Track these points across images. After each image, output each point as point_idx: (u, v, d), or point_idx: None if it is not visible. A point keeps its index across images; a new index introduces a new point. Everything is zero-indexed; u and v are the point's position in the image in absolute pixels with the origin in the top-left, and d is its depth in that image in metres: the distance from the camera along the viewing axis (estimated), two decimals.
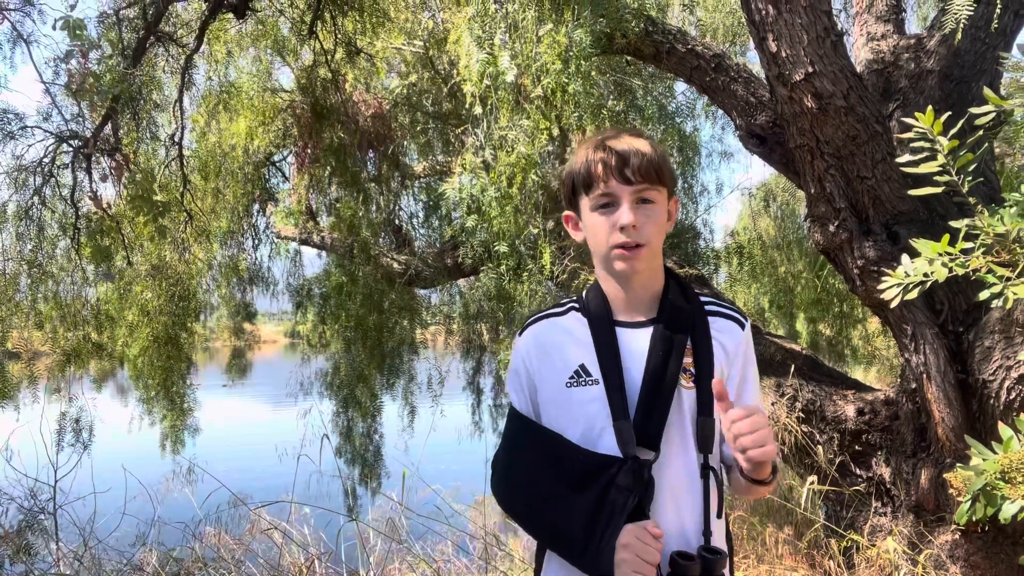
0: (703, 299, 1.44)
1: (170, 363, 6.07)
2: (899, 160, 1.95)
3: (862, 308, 9.22)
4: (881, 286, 1.85)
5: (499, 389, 7.05)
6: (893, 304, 1.81)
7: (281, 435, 5.93)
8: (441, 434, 6.09)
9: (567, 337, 1.40)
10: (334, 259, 7.21)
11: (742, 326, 1.44)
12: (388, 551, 3.86)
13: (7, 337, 5.40)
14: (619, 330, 1.37)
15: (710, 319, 1.40)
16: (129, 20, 4.80)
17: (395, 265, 6.79)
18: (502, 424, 1.63)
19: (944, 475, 3.14)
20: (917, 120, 1.80)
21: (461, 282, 7.43)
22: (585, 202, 1.38)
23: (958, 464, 2.01)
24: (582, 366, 1.35)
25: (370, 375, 7.06)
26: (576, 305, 1.45)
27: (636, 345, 1.35)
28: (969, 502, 1.77)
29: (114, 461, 4.84)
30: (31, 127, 4.63)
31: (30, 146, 4.79)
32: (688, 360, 1.35)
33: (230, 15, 5.28)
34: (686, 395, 1.33)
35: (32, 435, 5.07)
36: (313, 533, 3.97)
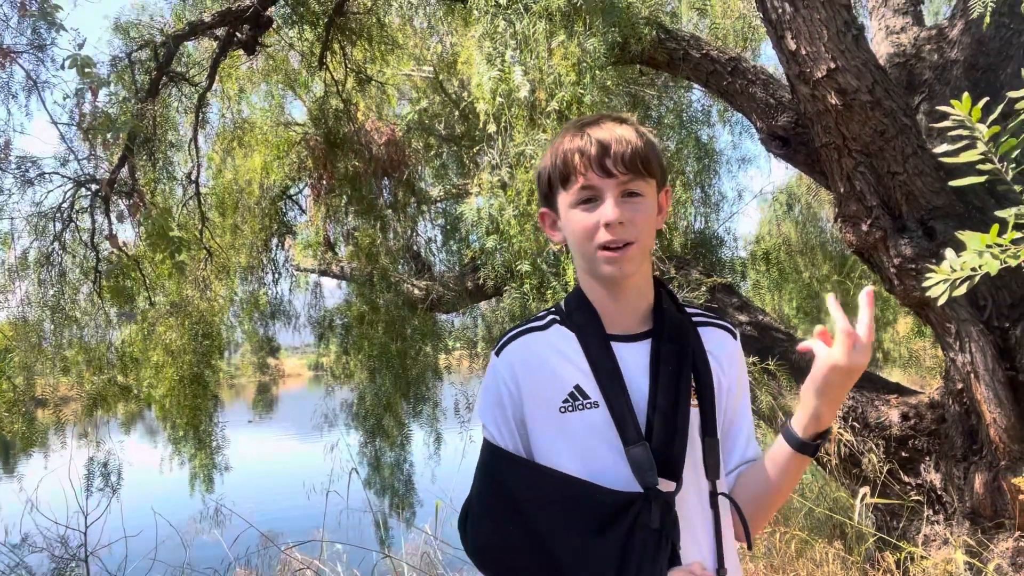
0: (689, 310, 1.30)
1: (196, 402, 6.04)
2: (937, 150, 1.86)
3: (893, 310, 9.03)
4: (926, 283, 1.76)
5: None
6: (941, 301, 1.71)
7: (309, 469, 5.87)
8: (471, 460, 5.97)
9: (555, 354, 1.21)
10: (354, 288, 7.18)
11: (734, 336, 1.31)
12: None
13: (34, 384, 5.41)
14: (614, 345, 1.20)
15: (700, 330, 1.27)
16: (141, 62, 4.84)
17: (416, 291, 6.74)
18: None
19: (1002, 479, 2.99)
20: (952, 108, 1.72)
21: (483, 305, 7.37)
22: (563, 198, 1.20)
23: None
24: (577, 387, 1.17)
25: (396, 403, 6.98)
26: (557, 317, 1.26)
27: (635, 361, 1.19)
28: None
29: (144, 504, 4.80)
30: (49, 173, 4.66)
31: (49, 192, 4.82)
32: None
33: (240, 52, 5.32)
34: (693, 415, 1.19)
35: (61, 482, 5.05)
36: (346, 570, 3.88)
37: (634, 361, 1.19)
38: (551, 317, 1.26)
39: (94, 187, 4.75)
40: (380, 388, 6.92)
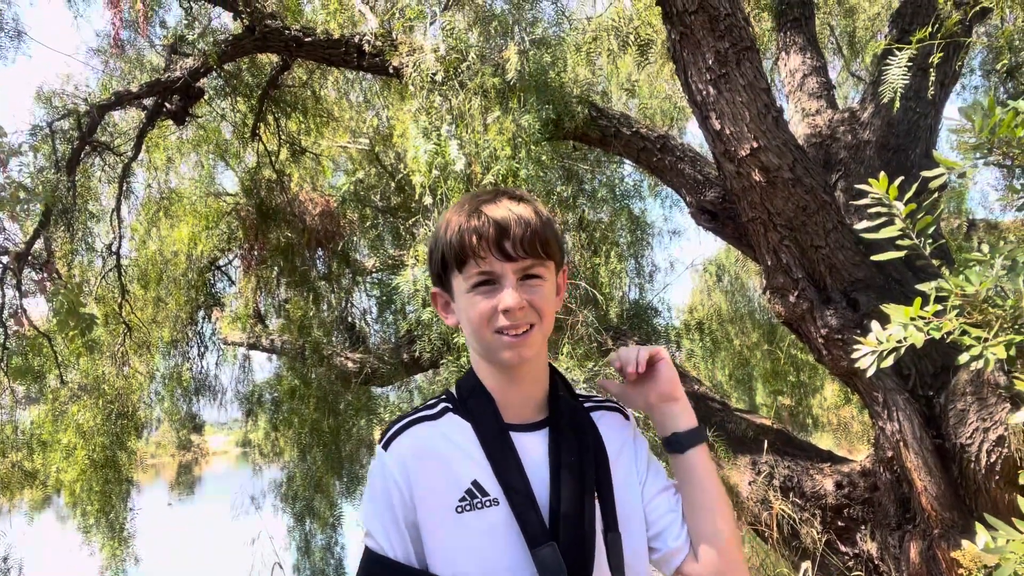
0: (580, 396, 1.25)
1: (108, 487, 5.64)
2: (858, 226, 1.92)
3: (821, 377, 9.28)
4: (855, 355, 1.78)
5: None
6: (869, 373, 1.74)
7: (231, 555, 5.51)
8: None
9: (449, 447, 1.11)
10: (285, 362, 6.96)
11: (627, 417, 1.26)
12: None
13: None
14: (512, 434, 1.12)
15: (593, 415, 1.21)
16: (63, 131, 4.69)
17: (349, 364, 6.57)
18: None
19: (936, 548, 3.01)
20: (871, 187, 1.79)
21: (419, 377, 7.24)
22: (459, 280, 1.12)
23: (964, 541, 1.90)
24: (475, 483, 1.08)
25: (328, 482, 6.70)
26: (449, 405, 1.17)
27: (534, 452, 1.12)
28: None
29: None
30: None
31: None
32: None
33: (169, 122, 5.22)
34: (597, 509, 1.11)
35: None
36: None
37: (534, 452, 1.12)
38: (443, 405, 1.17)
39: (5, 260, 4.50)
40: (311, 466, 6.65)
